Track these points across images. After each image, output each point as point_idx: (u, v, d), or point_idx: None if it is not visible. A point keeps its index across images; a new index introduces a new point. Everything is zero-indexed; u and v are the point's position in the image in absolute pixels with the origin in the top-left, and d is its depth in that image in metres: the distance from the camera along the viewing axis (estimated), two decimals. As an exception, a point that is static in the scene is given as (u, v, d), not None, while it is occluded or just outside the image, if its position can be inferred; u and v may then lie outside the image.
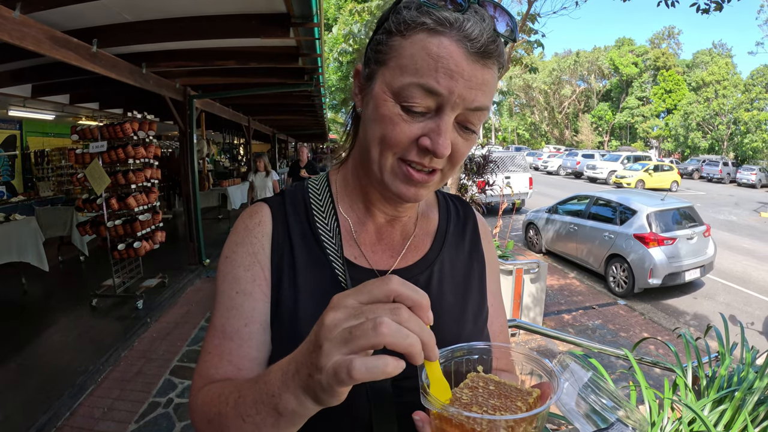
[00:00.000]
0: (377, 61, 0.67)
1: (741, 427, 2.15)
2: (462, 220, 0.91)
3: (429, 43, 0.60)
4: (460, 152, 0.67)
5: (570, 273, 9.17)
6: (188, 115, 6.85)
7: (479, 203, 8.77)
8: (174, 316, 5.38)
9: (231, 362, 0.69)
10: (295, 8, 3.71)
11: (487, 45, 0.60)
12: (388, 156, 0.66)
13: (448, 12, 0.60)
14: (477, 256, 0.88)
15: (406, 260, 0.81)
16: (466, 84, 0.60)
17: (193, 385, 0.70)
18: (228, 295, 0.73)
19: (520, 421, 0.48)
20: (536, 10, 7.70)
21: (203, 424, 0.64)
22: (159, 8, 3.85)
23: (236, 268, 0.74)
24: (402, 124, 0.63)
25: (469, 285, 0.84)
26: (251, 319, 0.71)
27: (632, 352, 2.65)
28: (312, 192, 0.82)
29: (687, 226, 8.12)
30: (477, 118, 0.65)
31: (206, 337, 0.73)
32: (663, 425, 2.35)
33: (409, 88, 0.61)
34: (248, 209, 0.81)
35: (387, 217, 0.81)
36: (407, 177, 0.66)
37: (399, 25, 0.63)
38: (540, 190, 20.60)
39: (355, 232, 0.80)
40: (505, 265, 5.33)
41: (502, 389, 0.54)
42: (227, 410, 0.58)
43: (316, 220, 0.78)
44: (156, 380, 3.96)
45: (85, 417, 3.43)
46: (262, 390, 0.54)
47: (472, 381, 0.56)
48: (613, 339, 6.02)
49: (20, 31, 3.14)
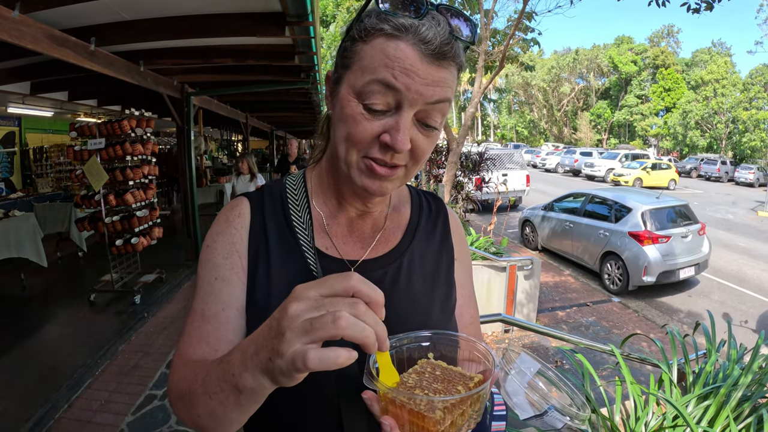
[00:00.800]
0: (343, 65, 0.72)
1: (724, 424, 2.19)
2: (434, 215, 0.96)
3: (387, 46, 0.65)
4: (420, 148, 0.71)
5: (565, 270, 9.24)
6: (186, 112, 6.89)
7: (475, 200, 8.82)
8: (171, 311, 5.44)
9: (208, 344, 0.74)
10: (290, 7, 3.75)
11: (441, 47, 0.65)
12: (353, 153, 0.71)
13: (405, 18, 0.65)
14: (446, 248, 0.93)
15: (375, 251, 0.85)
16: (422, 81, 0.65)
17: (172, 364, 0.75)
18: (208, 281, 0.78)
19: (457, 402, 0.53)
20: (532, 8, 7.74)
21: (176, 400, 0.69)
22: (156, 7, 3.89)
23: (216, 256, 0.80)
24: (364, 123, 0.68)
25: (438, 275, 0.89)
26: (228, 304, 0.76)
27: (620, 348, 2.70)
28: (289, 188, 0.87)
29: (682, 225, 8.18)
30: (437, 112, 0.70)
31: (186, 320, 0.78)
32: (648, 420, 2.40)
33: (369, 85, 0.66)
34: (230, 203, 0.87)
35: (358, 211, 0.86)
36: (371, 171, 0.71)
37: (361, 32, 0.68)
38: (537, 188, 20.66)
39: (327, 225, 0.85)
40: (499, 262, 5.38)
41: (447, 374, 0.59)
42: (196, 387, 0.63)
43: (291, 213, 0.83)
44: (153, 373, 4.02)
45: (83, 409, 3.48)
46: (225, 369, 0.58)
47: (420, 366, 0.61)
48: (606, 336, 6.09)
49: (19, 30, 3.17)
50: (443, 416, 0.51)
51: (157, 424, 3.34)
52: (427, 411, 0.51)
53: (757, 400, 2.30)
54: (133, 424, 3.33)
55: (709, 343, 2.78)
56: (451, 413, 0.52)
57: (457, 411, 0.53)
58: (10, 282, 5.97)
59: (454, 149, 7.49)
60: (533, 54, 45.86)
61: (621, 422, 2.41)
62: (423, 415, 0.51)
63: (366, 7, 0.70)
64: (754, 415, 2.20)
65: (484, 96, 33.67)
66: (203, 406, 0.62)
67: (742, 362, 2.67)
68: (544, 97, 58.28)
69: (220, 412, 0.60)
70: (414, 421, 0.52)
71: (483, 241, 6.16)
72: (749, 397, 2.31)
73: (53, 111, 8.32)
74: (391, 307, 0.57)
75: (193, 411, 0.64)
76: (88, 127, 5.32)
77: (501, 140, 58.95)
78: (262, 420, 0.73)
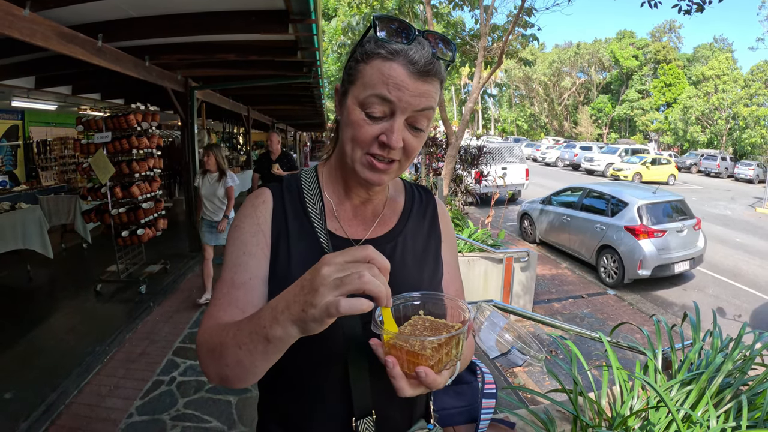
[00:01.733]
0: (349, 81, 0.89)
1: (705, 408, 2.30)
2: (424, 204, 1.14)
3: (383, 67, 0.83)
4: (411, 146, 0.88)
5: (562, 263, 9.36)
6: (189, 106, 6.99)
7: (473, 193, 8.93)
8: (176, 301, 5.58)
9: (238, 307, 0.89)
10: (293, 5, 3.84)
11: (425, 66, 0.82)
12: (357, 151, 0.88)
13: (397, 44, 0.82)
14: (434, 232, 1.11)
15: (375, 232, 1.03)
16: (410, 94, 0.82)
17: (202, 324, 0.89)
18: (237, 255, 0.94)
19: (443, 342, 0.68)
20: (532, 4, 7.82)
21: (206, 353, 0.83)
22: (162, 5, 3.98)
23: (244, 234, 0.96)
24: (366, 127, 0.86)
25: (427, 254, 1.07)
26: (255, 274, 0.92)
27: (609, 337, 2.82)
28: (304, 180, 1.04)
29: (677, 219, 8.28)
30: (423, 117, 0.87)
31: (216, 288, 0.93)
32: (633, 404, 2.52)
33: (369, 98, 0.84)
34: (254, 192, 1.04)
35: (361, 199, 1.03)
36: (372, 166, 0.88)
37: (363, 55, 0.86)
38: (537, 182, 20.73)
39: (336, 210, 1.02)
40: (496, 254, 5.50)
41: (435, 325, 0.74)
42: (227, 340, 0.76)
43: (306, 201, 1.00)
44: (159, 360, 4.15)
45: (93, 394, 3.61)
46: (256, 323, 0.72)
47: (414, 320, 0.76)
48: (601, 327, 6.21)
49: (30, 28, 3.27)
50: (432, 354, 0.66)
51: (165, 407, 3.48)
52: (420, 350, 0.66)
53: (739, 387, 2.42)
54: (142, 407, 3.46)
55: (694, 333, 2.89)
56: (439, 352, 0.68)
57: (443, 350, 0.68)
58: (16, 273, 6.08)
59: (453, 143, 7.59)
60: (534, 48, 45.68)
61: (608, 405, 2.53)
62: (417, 354, 0.67)
63: (367, 34, 0.88)
64: (734, 401, 2.31)
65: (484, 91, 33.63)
66: (232, 356, 0.75)
67: (725, 351, 2.78)
68: (545, 91, 58.13)
69: (248, 361, 0.74)
70: (410, 360, 0.68)
71: (481, 233, 6.27)
72: (731, 384, 2.42)
73: (57, 104, 8.38)
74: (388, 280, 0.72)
75: (222, 362, 0.77)
76: (95, 121, 5.42)
77: (501, 134, 58.88)
78: (279, 372, 0.90)
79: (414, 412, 1.05)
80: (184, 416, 3.40)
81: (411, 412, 1.04)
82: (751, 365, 2.51)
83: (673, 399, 2.37)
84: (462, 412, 1.45)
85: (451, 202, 8.14)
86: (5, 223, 5.47)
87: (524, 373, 4.84)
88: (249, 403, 3.57)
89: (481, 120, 62.72)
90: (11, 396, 3.52)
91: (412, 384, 0.69)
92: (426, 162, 9.19)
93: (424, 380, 0.67)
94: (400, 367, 0.68)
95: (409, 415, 1.04)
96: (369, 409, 0.93)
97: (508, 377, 4.58)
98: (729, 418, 2.18)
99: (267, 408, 1.05)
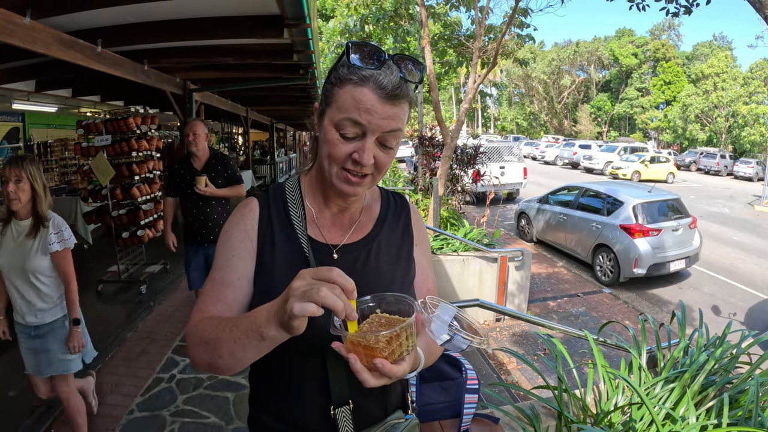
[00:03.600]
0: (326, 102, 0.99)
1: (686, 406, 2.37)
2: (399, 210, 1.23)
3: (354, 92, 0.91)
4: (381, 162, 0.98)
5: (559, 262, 9.43)
6: (188, 108, 7.06)
7: (470, 192, 9.01)
8: (176, 300, 5.67)
9: (225, 303, 0.99)
10: (287, 10, 3.90)
11: (393, 91, 0.91)
12: (333, 166, 0.98)
13: (367, 70, 0.91)
14: (407, 236, 1.21)
15: (352, 238, 1.12)
16: (379, 116, 0.91)
17: (194, 317, 0.99)
18: (226, 257, 1.04)
19: (394, 335, 0.76)
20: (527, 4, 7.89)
21: (199, 344, 0.91)
22: (160, 11, 4.04)
23: (233, 239, 1.06)
24: (340, 145, 0.95)
25: (399, 257, 1.16)
26: (242, 275, 1.02)
27: (597, 335, 2.89)
28: (287, 190, 1.14)
29: (673, 218, 8.35)
30: (393, 137, 0.96)
31: (206, 285, 1.04)
32: (617, 401, 2.59)
33: (343, 121, 0.93)
34: (243, 202, 1.14)
35: (339, 207, 1.13)
36: (347, 180, 0.98)
37: (337, 79, 0.95)
38: (535, 180, 20.79)
39: (316, 218, 1.12)
40: (490, 253, 5.58)
41: (389, 321, 0.82)
42: (223, 335, 0.85)
43: (289, 209, 1.10)
44: (159, 358, 4.24)
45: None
46: (252, 322, 0.81)
47: (371, 319, 0.85)
48: (595, 326, 6.27)
49: (31, 36, 3.34)
50: (385, 346, 0.75)
51: (165, 404, 3.57)
52: (375, 344, 0.75)
53: (724, 385, 2.48)
54: (143, 404, 3.56)
55: (681, 331, 2.97)
56: (391, 344, 0.76)
57: (395, 342, 0.77)
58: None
59: (449, 143, 7.67)
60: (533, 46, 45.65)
61: (593, 402, 2.60)
62: (372, 347, 0.75)
63: (341, 59, 0.96)
64: (716, 399, 2.38)
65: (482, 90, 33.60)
66: (227, 349, 0.85)
67: (711, 350, 2.85)
68: (545, 89, 58.13)
69: (241, 354, 0.84)
70: (368, 353, 0.76)
71: (476, 233, 6.35)
72: (716, 382, 2.48)
73: (57, 107, 8.46)
74: (363, 281, 0.85)
75: (216, 353, 0.87)
76: (95, 124, 5.50)
77: (501, 132, 58.92)
78: (266, 366, 1.04)
79: (389, 402, 1.15)
80: (183, 412, 3.49)
81: (386, 403, 1.14)
82: (735, 364, 2.58)
83: (656, 396, 2.45)
84: (448, 407, 1.56)
85: (448, 201, 8.22)
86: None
87: (518, 370, 4.92)
88: (245, 399, 3.63)
89: (480, 118, 62.75)
90: (15, 393, 3.60)
91: (375, 375, 0.77)
92: (423, 162, 9.27)
93: (383, 370, 0.75)
94: (360, 361, 0.76)
95: (384, 405, 1.13)
96: (346, 399, 1.03)
97: (501, 375, 4.66)
98: (711, 416, 2.26)
99: (256, 399, 1.16)
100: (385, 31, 8.60)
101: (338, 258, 1.08)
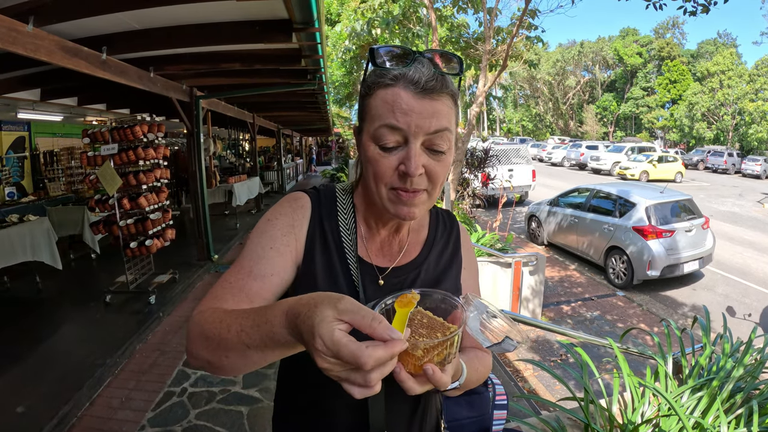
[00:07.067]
0: (361, 119, 0.90)
1: (716, 414, 2.28)
2: (448, 231, 1.14)
3: (385, 94, 0.82)
4: (434, 172, 0.86)
5: (571, 265, 9.32)
6: (195, 116, 7.02)
7: (480, 196, 8.92)
8: (185, 310, 5.58)
9: (248, 296, 0.86)
10: (296, 14, 3.85)
11: (427, 83, 0.80)
12: (381, 187, 0.87)
13: (395, 69, 0.82)
14: (456, 259, 1.12)
15: (400, 262, 1.04)
16: (419, 116, 0.80)
17: (204, 303, 0.85)
18: (262, 247, 0.92)
19: (435, 345, 0.69)
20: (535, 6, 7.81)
21: (201, 338, 0.78)
22: (165, 17, 4.00)
23: (275, 229, 0.95)
24: (382, 160, 0.84)
25: (446, 281, 1.07)
26: (277, 272, 0.90)
27: (620, 342, 2.80)
28: (339, 199, 1.04)
29: (686, 219, 8.23)
30: (441, 139, 0.84)
31: (229, 272, 0.91)
32: (644, 411, 2.50)
33: (379, 129, 0.83)
34: (292, 194, 1.04)
35: (389, 231, 1.04)
36: (399, 199, 0.87)
37: (366, 89, 0.87)
38: (544, 182, 20.67)
39: (366, 238, 1.03)
40: (504, 258, 5.49)
41: (431, 322, 0.74)
42: (229, 336, 0.72)
43: (340, 222, 1.01)
44: (170, 371, 4.15)
45: (104, 407, 3.62)
46: (262, 319, 0.69)
47: (412, 314, 0.74)
48: (611, 330, 6.18)
49: (34, 43, 3.28)
50: (423, 355, 0.68)
51: (177, 419, 3.48)
52: (412, 350, 0.68)
53: (750, 392, 2.39)
54: (154, 420, 3.47)
55: (705, 337, 2.87)
56: (430, 353, 0.69)
57: (434, 351, 0.70)
58: (25, 285, 6.08)
59: (460, 147, 7.58)
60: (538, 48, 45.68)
61: (619, 412, 2.51)
62: (409, 354, 0.68)
63: (367, 68, 0.87)
64: (745, 406, 2.28)
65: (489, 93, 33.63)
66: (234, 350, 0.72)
67: (736, 355, 2.75)
68: (550, 91, 58.03)
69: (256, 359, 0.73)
70: (405, 358, 0.68)
71: (489, 237, 6.27)
72: (742, 388, 2.39)
73: (63, 115, 8.44)
74: None
75: (220, 351, 0.74)
76: (101, 133, 5.44)
77: (507, 134, 58.83)
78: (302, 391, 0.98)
79: (424, 427, 1.07)
80: (195, 428, 3.40)
81: (421, 428, 1.06)
82: (761, 369, 2.49)
83: (684, 405, 2.36)
84: (473, 422, 1.47)
85: (458, 206, 8.13)
86: (14, 236, 5.48)
87: (534, 377, 4.81)
88: (260, 414, 3.57)
89: (486, 121, 62.66)
90: (24, 410, 3.52)
91: (420, 381, 0.69)
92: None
93: (432, 378, 0.67)
94: (405, 368, 0.69)
95: (420, 431, 1.06)
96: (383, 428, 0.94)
97: (518, 382, 4.56)
98: (740, 424, 2.17)
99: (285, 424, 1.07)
100: (392, 34, 8.51)
101: (384, 284, 0.99)
